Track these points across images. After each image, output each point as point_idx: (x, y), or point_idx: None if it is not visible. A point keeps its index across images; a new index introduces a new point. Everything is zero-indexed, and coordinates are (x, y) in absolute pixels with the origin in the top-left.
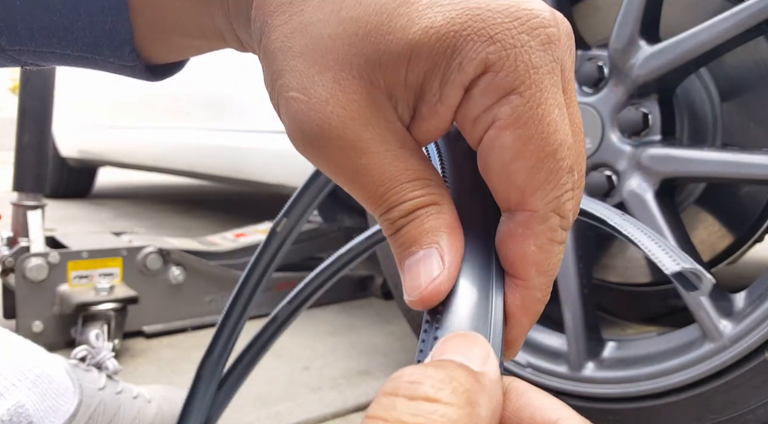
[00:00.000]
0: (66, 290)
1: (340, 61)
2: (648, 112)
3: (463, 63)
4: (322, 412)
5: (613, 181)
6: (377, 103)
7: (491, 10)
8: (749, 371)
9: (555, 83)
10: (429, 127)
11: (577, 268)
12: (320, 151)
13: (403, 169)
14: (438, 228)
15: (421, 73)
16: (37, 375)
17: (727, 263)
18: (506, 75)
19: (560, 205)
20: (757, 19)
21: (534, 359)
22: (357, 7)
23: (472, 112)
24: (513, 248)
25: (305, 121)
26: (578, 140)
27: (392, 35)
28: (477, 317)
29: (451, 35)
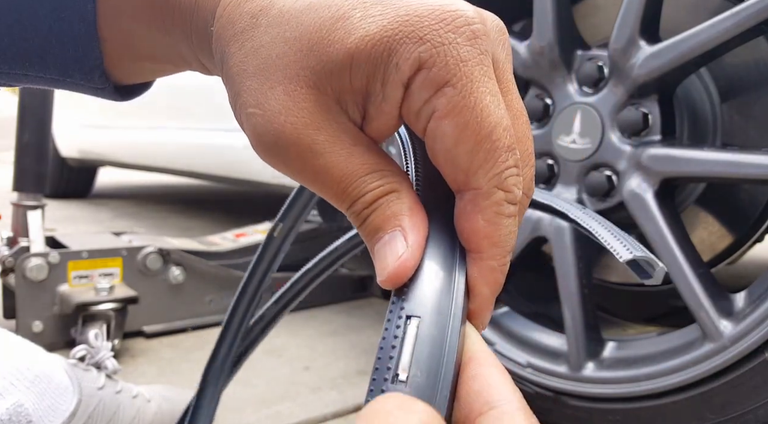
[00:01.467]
0: (66, 290)
1: (289, 76)
2: (648, 112)
3: (399, 63)
4: (322, 412)
5: (613, 181)
6: (327, 109)
7: (419, 15)
8: (749, 371)
9: (485, 73)
10: (379, 125)
11: (577, 268)
12: (281, 158)
13: (359, 164)
14: (399, 212)
15: (363, 77)
16: (36, 374)
17: (727, 263)
18: (438, 70)
19: (502, 180)
20: (757, 19)
21: (534, 359)
22: (298, 27)
23: (414, 107)
24: (466, 224)
25: (263, 133)
26: (519, 123)
27: (332, 47)
28: (441, 290)
29: (385, 40)
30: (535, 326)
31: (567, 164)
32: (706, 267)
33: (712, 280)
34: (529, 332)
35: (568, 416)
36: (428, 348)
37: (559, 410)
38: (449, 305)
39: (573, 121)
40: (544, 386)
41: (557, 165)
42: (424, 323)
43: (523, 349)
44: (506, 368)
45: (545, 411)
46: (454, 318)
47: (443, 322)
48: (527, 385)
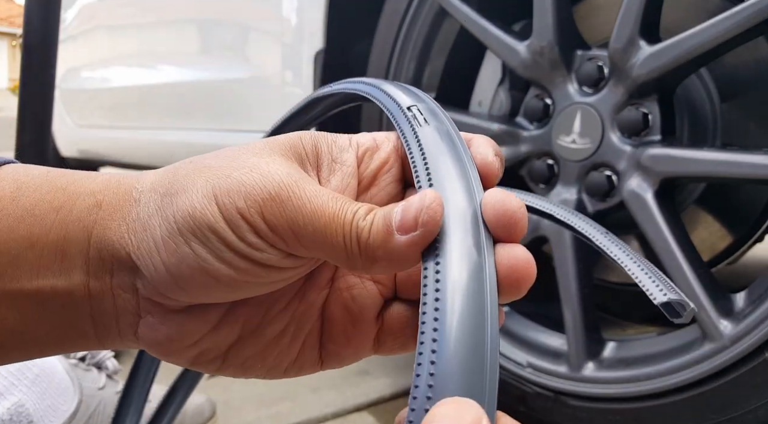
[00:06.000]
0: None
1: (258, 153)
2: (648, 112)
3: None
4: (322, 412)
5: (613, 181)
6: (303, 170)
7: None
8: (749, 371)
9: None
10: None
11: (577, 268)
12: (276, 210)
13: (342, 199)
14: (397, 203)
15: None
16: (36, 374)
17: (727, 263)
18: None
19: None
20: (757, 19)
21: (534, 359)
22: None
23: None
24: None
25: (262, 188)
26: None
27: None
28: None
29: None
30: (535, 326)
31: (567, 164)
32: (706, 267)
33: (712, 280)
34: (529, 332)
35: (568, 416)
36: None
37: (559, 410)
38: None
39: (573, 121)
40: (544, 386)
41: (557, 165)
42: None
43: (523, 349)
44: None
45: (545, 411)
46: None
47: (481, 308)
48: (527, 385)
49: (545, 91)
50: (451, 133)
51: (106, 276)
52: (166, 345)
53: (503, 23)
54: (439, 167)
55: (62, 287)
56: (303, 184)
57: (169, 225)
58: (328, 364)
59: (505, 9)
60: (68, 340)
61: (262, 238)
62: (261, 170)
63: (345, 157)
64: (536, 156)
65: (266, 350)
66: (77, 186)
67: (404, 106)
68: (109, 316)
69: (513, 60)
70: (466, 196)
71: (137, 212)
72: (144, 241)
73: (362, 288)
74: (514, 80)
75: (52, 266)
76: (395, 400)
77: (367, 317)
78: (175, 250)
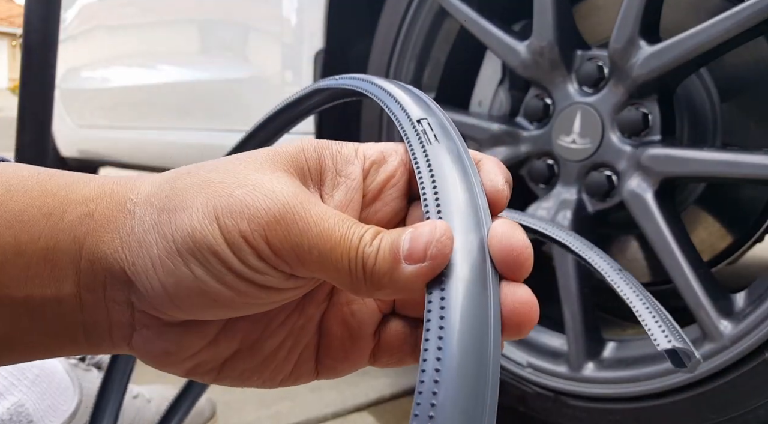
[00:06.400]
0: None
1: (262, 167)
2: (648, 112)
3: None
4: (322, 412)
5: (613, 181)
6: (305, 187)
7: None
8: (749, 371)
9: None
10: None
11: (577, 268)
12: (280, 233)
13: (349, 221)
14: (404, 230)
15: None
16: (36, 374)
17: (727, 263)
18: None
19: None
20: (757, 19)
21: (534, 359)
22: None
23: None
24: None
25: (266, 211)
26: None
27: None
28: (477, 296)
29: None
30: (536, 326)
31: (567, 164)
32: (706, 267)
33: (712, 280)
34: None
35: (568, 416)
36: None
37: (559, 410)
38: (488, 318)
39: (573, 121)
40: (544, 386)
41: (557, 165)
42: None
43: (523, 349)
44: (506, 368)
45: (545, 411)
46: (495, 333)
47: (484, 338)
48: (527, 385)
49: (545, 91)
50: (462, 156)
51: (98, 288)
52: (161, 357)
53: (503, 23)
54: (449, 195)
55: (52, 296)
56: (308, 206)
57: (167, 244)
58: (324, 375)
59: (505, 9)
60: (58, 347)
61: (264, 261)
62: (265, 189)
63: (350, 170)
64: (536, 156)
65: (263, 363)
66: (68, 191)
67: (414, 118)
68: (101, 327)
69: (513, 60)
70: (475, 229)
71: (131, 225)
72: (139, 257)
73: (361, 304)
74: (514, 80)
75: (41, 274)
76: (395, 400)
77: (365, 332)
78: (173, 270)
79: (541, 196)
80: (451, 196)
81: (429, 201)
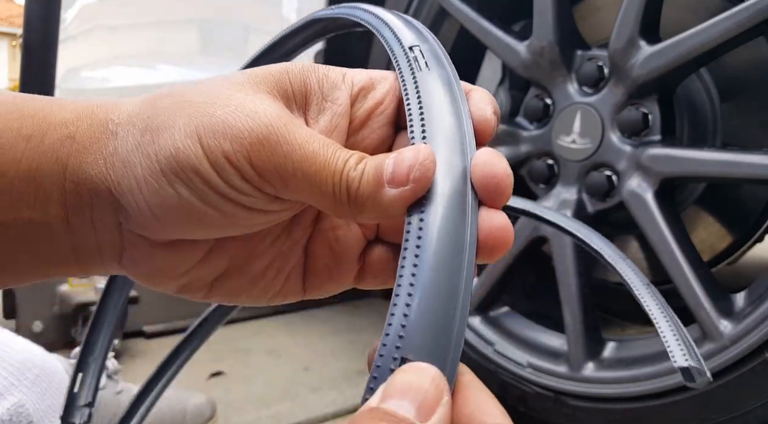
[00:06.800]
0: (66, 289)
1: (245, 88)
2: (648, 112)
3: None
4: (322, 412)
5: (613, 181)
6: (289, 110)
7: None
8: (749, 371)
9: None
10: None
11: (577, 268)
12: (265, 156)
13: (333, 145)
14: (388, 155)
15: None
16: (36, 375)
17: (727, 263)
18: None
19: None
20: (757, 19)
21: (534, 359)
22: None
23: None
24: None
25: (250, 132)
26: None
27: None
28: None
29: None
30: (535, 326)
31: (567, 164)
32: (706, 267)
33: (712, 280)
34: (529, 332)
35: (568, 416)
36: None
37: (559, 410)
38: (464, 247)
39: (573, 121)
40: (544, 386)
41: (557, 165)
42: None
43: (523, 349)
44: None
45: (545, 411)
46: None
47: (458, 266)
48: (527, 385)
49: (545, 91)
50: (452, 83)
51: (85, 210)
52: (152, 276)
53: (503, 23)
54: (435, 121)
55: (39, 219)
56: (292, 129)
57: (151, 164)
58: (310, 294)
59: (505, 9)
60: (50, 270)
61: (248, 182)
62: (247, 110)
63: (336, 96)
64: (536, 156)
65: (252, 282)
66: (47, 113)
67: (406, 45)
68: (91, 248)
69: (513, 60)
70: (459, 155)
71: (114, 146)
72: (124, 177)
73: (346, 229)
74: (514, 80)
75: (26, 197)
76: None
77: (350, 256)
78: (158, 190)
79: (541, 196)
80: (437, 122)
81: (415, 126)
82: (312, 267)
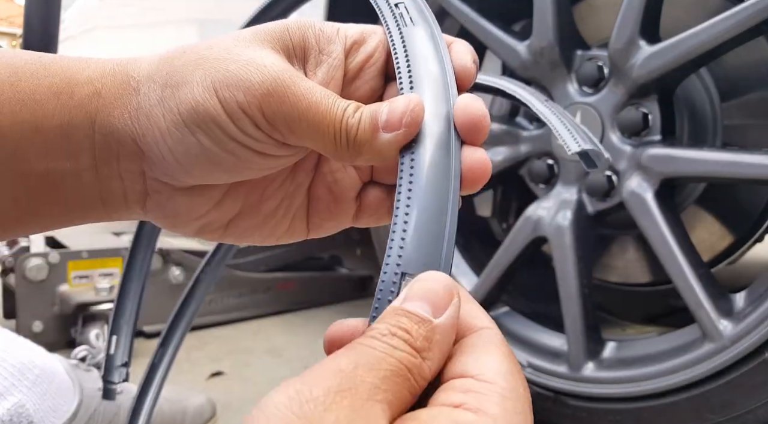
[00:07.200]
0: (66, 290)
1: (249, 42)
2: (648, 112)
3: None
4: None
5: (613, 181)
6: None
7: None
8: (749, 371)
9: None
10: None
11: (577, 268)
12: (273, 106)
13: (333, 96)
14: (382, 103)
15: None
16: (37, 375)
17: (727, 263)
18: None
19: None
20: (757, 19)
21: (534, 359)
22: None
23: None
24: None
25: (259, 84)
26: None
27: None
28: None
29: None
30: (535, 326)
31: (567, 164)
32: (706, 267)
33: (712, 280)
34: (529, 332)
35: (568, 416)
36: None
37: (559, 410)
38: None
39: None
40: (544, 386)
41: (557, 165)
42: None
43: (523, 349)
44: None
45: (545, 411)
46: (453, 194)
47: (444, 200)
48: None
49: (545, 91)
50: (435, 37)
51: (113, 160)
52: (173, 219)
53: (503, 23)
54: (421, 71)
55: (71, 169)
56: (297, 81)
57: (173, 116)
58: (314, 233)
59: (505, 9)
60: (79, 216)
61: (260, 129)
62: (256, 64)
63: (332, 49)
64: (536, 156)
65: (263, 222)
66: (73, 72)
67: (392, 2)
68: (117, 195)
69: (513, 60)
70: (443, 101)
71: (138, 101)
72: (149, 129)
73: (344, 173)
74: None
75: (58, 149)
76: None
77: (348, 196)
78: (182, 139)
79: (541, 196)
80: (423, 73)
81: (403, 77)
82: (314, 207)
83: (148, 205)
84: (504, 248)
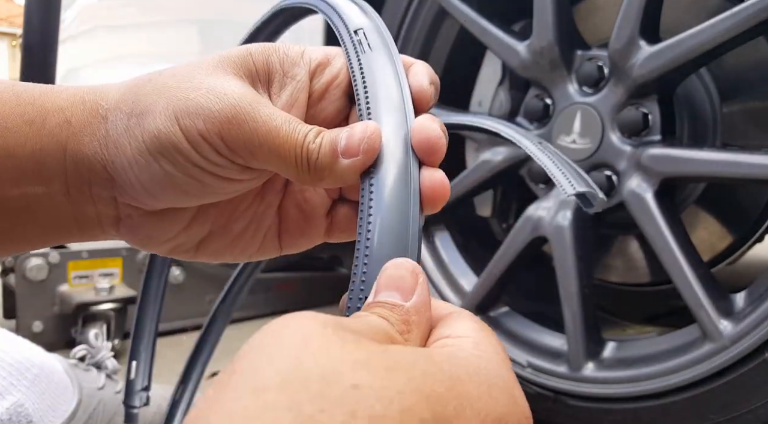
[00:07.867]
0: (66, 290)
1: (212, 70)
2: (648, 112)
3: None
4: None
5: (613, 182)
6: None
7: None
8: (749, 371)
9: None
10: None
11: (577, 268)
12: (234, 133)
13: (295, 121)
14: (345, 128)
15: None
16: (35, 374)
17: (727, 263)
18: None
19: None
20: (757, 19)
21: (534, 359)
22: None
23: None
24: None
25: (220, 111)
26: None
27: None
28: (400, 179)
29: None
30: (535, 326)
31: None
32: (706, 267)
33: (712, 280)
34: (529, 332)
35: (568, 416)
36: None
37: (559, 410)
38: (409, 196)
39: (573, 122)
40: (544, 386)
41: None
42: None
43: (523, 349)
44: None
45: (545, 411)
46: (414, 203)
47: (406, 210)
48: (527, 385)
49: (545, 91)
50: (393, 61)
51: (84, 186)
52: (145, 240)
53: (503, 23)
54: (379, 96)
55: (44, 193)
56: (257, 107)
57: (138, 144)
58: (287, 250)
59: (505, 9)
60: (54, 238)
61: (222, 155)
62: (216, 92)
63: (296, 72)
64: None
65: (233, 242)
66: (44, 100)
67: (352, 29)
68: (91, 218)
69: (513, 60)
70: (400, 125)
71: (106, 129)
72: (117, 157)
73: (313, 191)
74: (514, 80)
75: (31, 175)
76: None
77: (318, 214)
78: (147, 166)
79: (541, 196)
80: (381, 97)
81: (362, 103)
82: (285, 226)
83: (121, 228)
84: (504, 248)
